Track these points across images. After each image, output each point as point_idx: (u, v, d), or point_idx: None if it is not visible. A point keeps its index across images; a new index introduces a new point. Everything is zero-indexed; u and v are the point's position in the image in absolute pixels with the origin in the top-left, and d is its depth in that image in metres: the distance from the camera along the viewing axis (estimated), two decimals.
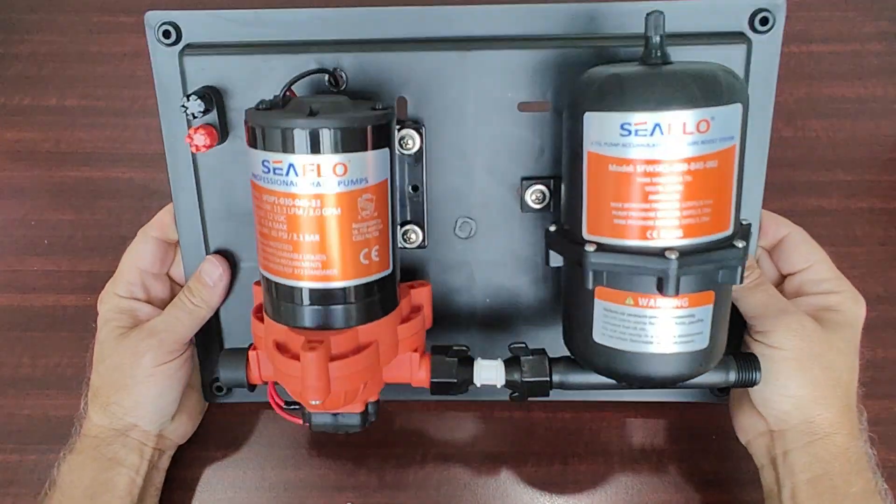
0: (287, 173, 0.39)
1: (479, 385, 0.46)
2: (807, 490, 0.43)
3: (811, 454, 0.44)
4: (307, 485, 0.52)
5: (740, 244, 0.39)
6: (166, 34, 0.47)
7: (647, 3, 0.46)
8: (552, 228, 0.43)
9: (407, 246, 0.49)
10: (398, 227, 0.48)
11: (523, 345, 0.46)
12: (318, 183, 0.39)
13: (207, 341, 0.52)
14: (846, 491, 0.43)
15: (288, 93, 0.42)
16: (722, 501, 0.50)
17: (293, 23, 0.47)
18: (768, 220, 0.50)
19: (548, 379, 0.45)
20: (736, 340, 0.48)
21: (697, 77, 0.37)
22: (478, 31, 0.47)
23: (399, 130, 0.46)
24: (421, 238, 0.49)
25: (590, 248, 0.39)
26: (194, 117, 0.44)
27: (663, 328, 0.40)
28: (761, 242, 0.50)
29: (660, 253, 0.38)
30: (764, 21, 0.46)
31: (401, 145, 0.46)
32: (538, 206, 0.48)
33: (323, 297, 0.41)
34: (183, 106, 0.44)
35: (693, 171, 0.37)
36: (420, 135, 0.47)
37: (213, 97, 0.45)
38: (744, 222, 0.42)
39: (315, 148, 0.38)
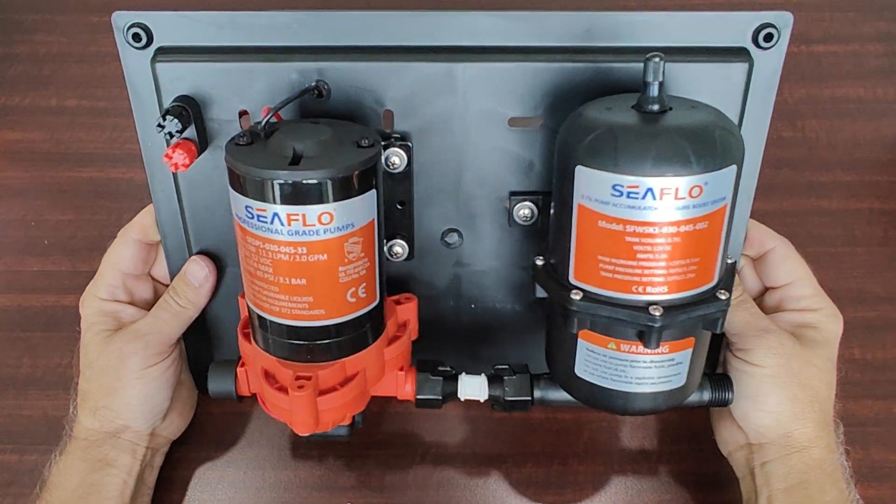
0: (271, 221, 0.38)
1: (462, 399, 0.47)
2: (782, 498, 0.45)
3: (788, 465, 0.45)
4: (307, 485, 0.52)
5: (723, 295, 0.39)
6: (136, 37, 0.44)
7: (647, 14, 0.44)
8: (539, 262, 0.43)
9: (393, 260, 0.49)
10: (384, 248, 0.47)
11: (506, 367, 0.47)
12: (303, 231, 0.38)
13: (198, 335, 0.53)
14: (820, 499, 0.45)
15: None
16: (722, 502, 0.51)
17: (271, 27, 0.44)
18: (755, 230, 0.50)
19: (529, 398, 0.47)
20: (717, 355, 0.50)
21: (693, 138, 0.36)
22: (468, 41, 0.44)
23: (384, 150, 0.44)
24: (407, 252, 0.48)
25: (576, 295, 0.39)
26: (171, 137, 0.42)
27: (643, 371, 0.41)
28: (747, 252, 0.50)
29: (644, 307, 0.38)
30: (768, 37, 0.43)
31: (387, 165, 0.45)
32: (526, 224, 0.47)
33: (310, 334, 0.41)
34: (159, 125, 0.42)
35: (682, 234, 0.37)
36: (407, 152, 0.45)
37: (189, 111, 0.43)
38: (729, 261, 0.42)
39: (300, 199, 0.37)
